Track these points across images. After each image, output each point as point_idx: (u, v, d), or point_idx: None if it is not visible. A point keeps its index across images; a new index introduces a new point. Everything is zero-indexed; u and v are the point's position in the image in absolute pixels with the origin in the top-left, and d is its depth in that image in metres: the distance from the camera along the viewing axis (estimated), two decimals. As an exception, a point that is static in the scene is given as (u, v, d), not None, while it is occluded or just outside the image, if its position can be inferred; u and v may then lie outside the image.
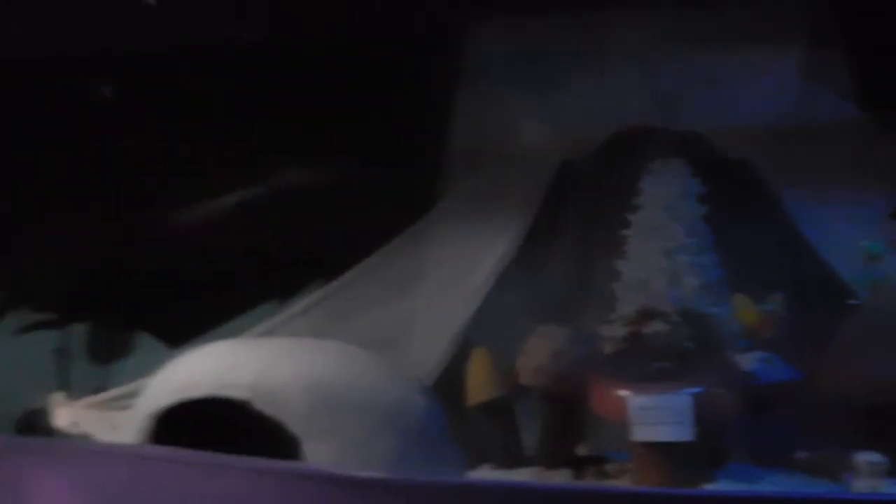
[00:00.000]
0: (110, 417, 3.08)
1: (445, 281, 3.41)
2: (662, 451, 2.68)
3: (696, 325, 2.96)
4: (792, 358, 2.96)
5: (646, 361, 2.83)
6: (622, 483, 2.79)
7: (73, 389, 3.41)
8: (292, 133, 3.57)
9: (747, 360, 2.94)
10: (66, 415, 3.20)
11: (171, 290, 3.83)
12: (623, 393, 2.73)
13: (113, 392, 3.28)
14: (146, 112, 3.49)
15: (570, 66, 3.30)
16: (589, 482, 2.86)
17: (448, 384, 3.15)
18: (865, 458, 2.61)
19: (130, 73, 3.45)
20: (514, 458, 3.13)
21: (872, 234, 3.15)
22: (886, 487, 2.55)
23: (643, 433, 2.68)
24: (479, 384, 3.19)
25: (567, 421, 3.09)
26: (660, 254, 3.19)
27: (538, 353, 3.07)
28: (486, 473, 2.99)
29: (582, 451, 3.11)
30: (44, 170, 3.56)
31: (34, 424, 3.24)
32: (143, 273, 3.77)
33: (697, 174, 3.32)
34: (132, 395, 2.49)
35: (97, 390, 3.40)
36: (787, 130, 3.29)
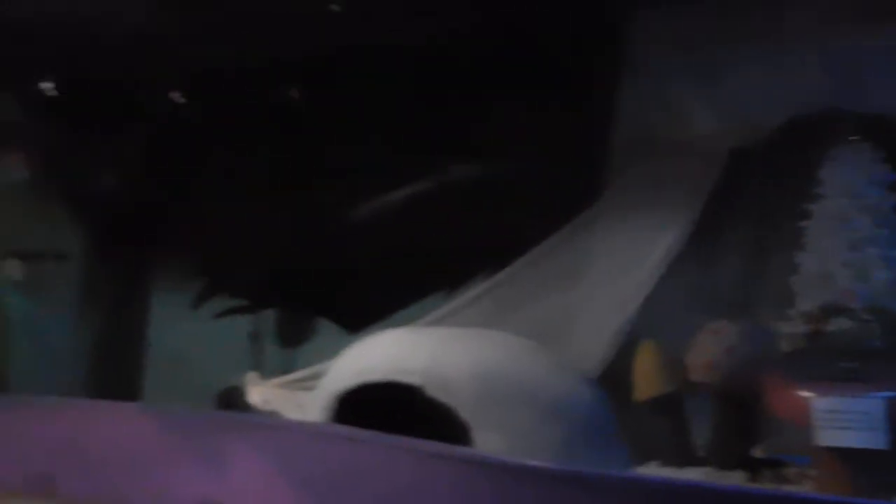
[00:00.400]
0: (297, 396, 3.30)
1: (610, 273, 3.38)
2: (849, 457, 2.52)
3: (886, 324, 2.76)
4: None
5: (830, 361, 2.67)
6: (802, 489, 2.66)
7: (265, 370, 3.70)
8: (460, 130, 3.67)
9: (946, 364, 2.71)
10: (258, 393, 3.47)
11: (350, 280, 4.07)
12: (806, 394, 2.60)
13: (299, 373, 3.52)
14: (327, 113, 3.71)
15: (740, 50, 3.15)
16: (765, 486, 2.75)
17: (615, 378, 3.12)
18: None
19: (315, 76, 3.67)
20: (683, 457, 3.06)
21: None
22: None
23: (829, 438, 2.54)
24: (648, 379, 3.14)
25: (741, 420, 2.98)
26: (845, 246, 2.99)
27: (709, 348, 2.98)
28: (654, 471, 2.94)
29: (758, 452, 2.99)
30: (242, 172, 3.89)
31: (231, 401, 3.55)
32: (325, 265, 4.03)
33: (887, 161, 3.08)
34: (316, 377, 2.68)
35: (285, 371, 3.67)
36: None
